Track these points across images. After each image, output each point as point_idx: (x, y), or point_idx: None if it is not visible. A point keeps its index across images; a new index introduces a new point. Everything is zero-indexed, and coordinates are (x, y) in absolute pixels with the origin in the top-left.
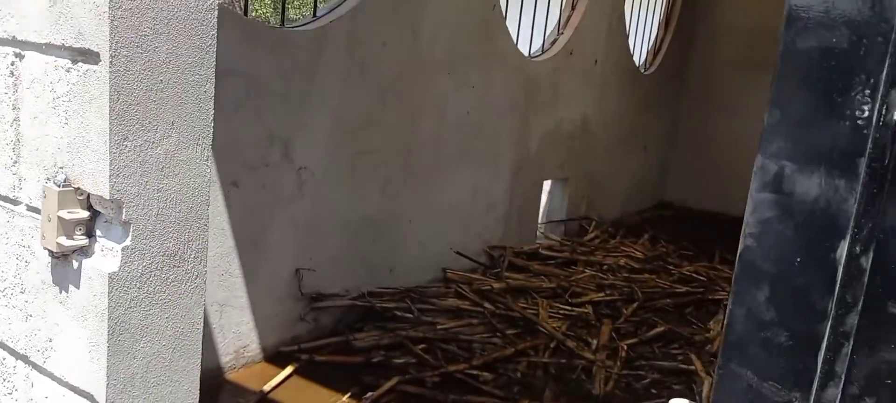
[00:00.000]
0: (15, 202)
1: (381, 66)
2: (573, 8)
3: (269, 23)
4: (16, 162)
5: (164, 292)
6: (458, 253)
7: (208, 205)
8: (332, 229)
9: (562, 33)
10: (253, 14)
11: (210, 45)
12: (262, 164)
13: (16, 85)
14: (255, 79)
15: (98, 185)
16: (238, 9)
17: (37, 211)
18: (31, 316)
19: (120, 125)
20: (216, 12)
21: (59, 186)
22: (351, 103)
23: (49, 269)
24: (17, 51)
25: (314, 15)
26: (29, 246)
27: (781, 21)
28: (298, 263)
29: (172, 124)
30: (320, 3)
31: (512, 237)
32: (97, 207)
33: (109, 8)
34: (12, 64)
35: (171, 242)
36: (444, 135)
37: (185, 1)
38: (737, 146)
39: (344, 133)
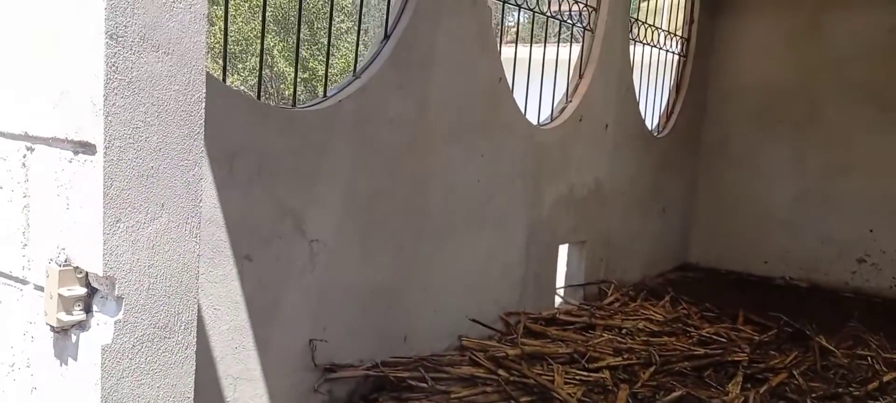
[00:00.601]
0: (24, 282)
1: (390, 139)
2: (581, 77)
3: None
4: (25, 244)
5: (155, 362)
6: (473, 320)
7: (197, 279)
8: (346, 299)
9: (570, 101)
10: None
11: (198, 131)
12: (274, 237)
13: (27, 175)
14: (268, 157)
15: (93, 263)
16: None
17: (42, 289)
18: (35, 388)
19: (113, 209)
20: (203, 103)
21: (60, 266)
22: (361, 176)
23: (51, 344)
24: (29, 145)
25: (325, 94)
26: (35, 323)
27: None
28: (312, 334)
29: (162, 205)
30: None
31: (529, 302)
32: (94, 284)
33: (104, 105)
34: (24, 156)
35: (161, 315)
36: (454, 203)
37: (174, 94)
38: (756, 205)
39: (355, 204)
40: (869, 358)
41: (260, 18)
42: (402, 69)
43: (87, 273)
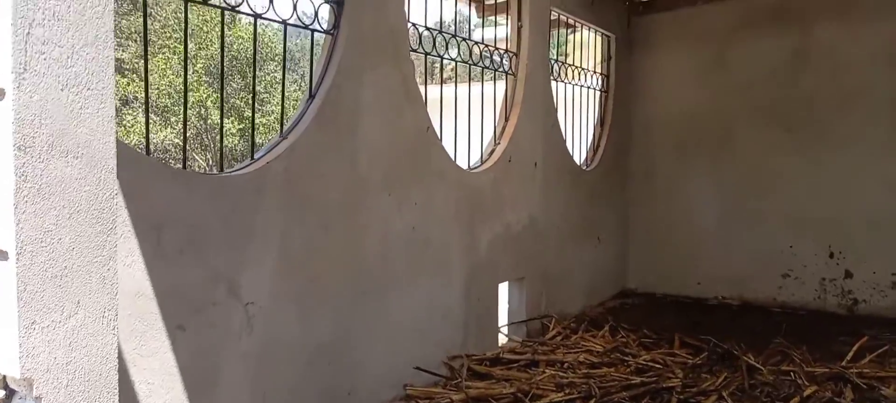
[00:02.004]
0: None
1: (322, 195)
2: (506, 119)
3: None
4: None
5: None
6: (417, 368)
7: (116, 372)
8: (286, 360)
9: (498, 143)
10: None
11: (111, 227)
12: (208, 304)
13: None
14: (197, 225)
15: (10, 367)
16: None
17: None
18: None
19: (28, 311)
20: (115, 199)
21: None
22: (295, 234)
23: None
24: None
25: (252, 157)
26: None
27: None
28: (253, 399)
29: (78, 303)
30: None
31: (473, 343)
32: (11, 386)
33: (15, 213)
34: None
35: None
36: (391, 252)
37: (86, 195)
38: (686, 229)
39: (290, 263)
40: (792, 373)
41: (190, 72)
42: (328, 126)
43: (3, 376)
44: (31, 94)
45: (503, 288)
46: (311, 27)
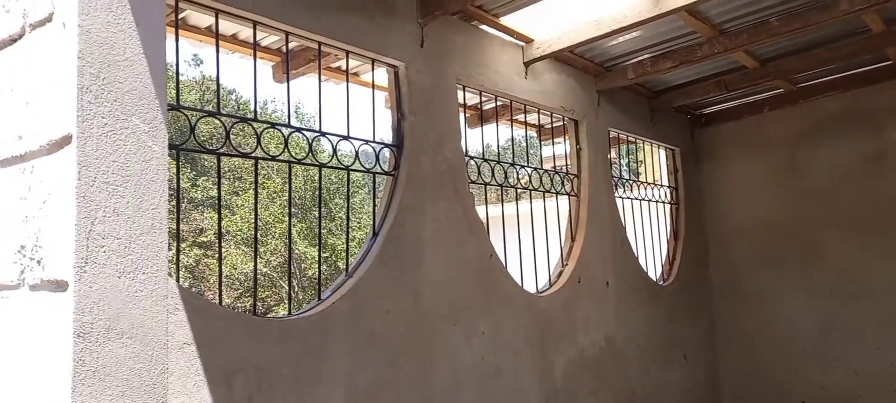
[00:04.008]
0: None
1: (388, 331)
2: (573, 239)
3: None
4: None
5: None
6: None
7: None
8: None
9: (566, 264)
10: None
11: (162, 399)
12: None
13: None
14: (266, 370)
15: None
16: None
17: None
18: None
19: None
20: (166, 374)
21: None
22: (362, 372)
23: None
24: None
25: (319, 297)
26: None
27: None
28: None
29: None
30: None
31: None
32: None
33: (72, 397)
34: None
35: None
36: (461, 384)
37: (139, 371)
38: (780, 342)
39: (358, 402)
40: None
41: (276, 204)
42: (392, 262)
43: None
44: (90, 284)
45: None
46: (372, 170)
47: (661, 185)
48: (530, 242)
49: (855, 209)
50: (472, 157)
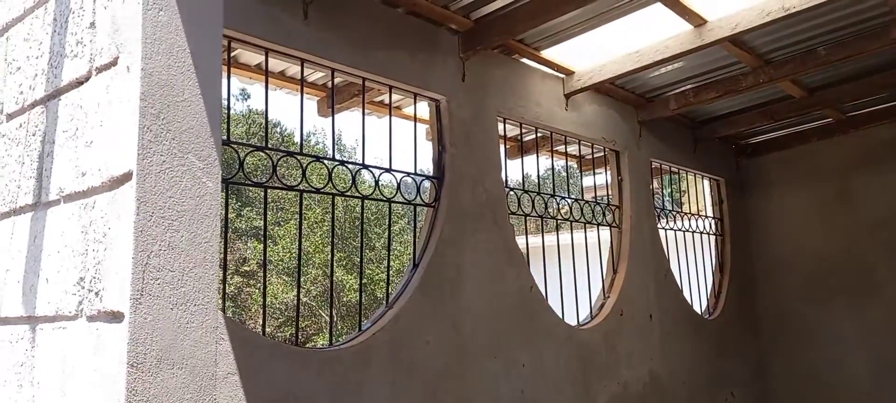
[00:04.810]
0: None
1: (428, 362)
2: (614, 271)
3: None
4: None
5: None
6: None
7: None
8: None
9: (608, 296)
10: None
11: None
12: None
13: None
14: (308, 399)
15: None
16: None
17: None
18: None
19: None
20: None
21: None
22: (402, 402)
23: None
24: None
25: (359, 328)
26: None
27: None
28: None
29: None
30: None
31: None
32: None
33: None
34: None
35: None
36: None
37: (188, 401)
38: (832, 379)
39: None
40: None
41: (318, 234)
42: (431, 293)
43: None
44: (145, 315)
45: None
46: (413, 202)
47: (706, 216)
48: (571, 274)
49: None
50: (512, 188)
